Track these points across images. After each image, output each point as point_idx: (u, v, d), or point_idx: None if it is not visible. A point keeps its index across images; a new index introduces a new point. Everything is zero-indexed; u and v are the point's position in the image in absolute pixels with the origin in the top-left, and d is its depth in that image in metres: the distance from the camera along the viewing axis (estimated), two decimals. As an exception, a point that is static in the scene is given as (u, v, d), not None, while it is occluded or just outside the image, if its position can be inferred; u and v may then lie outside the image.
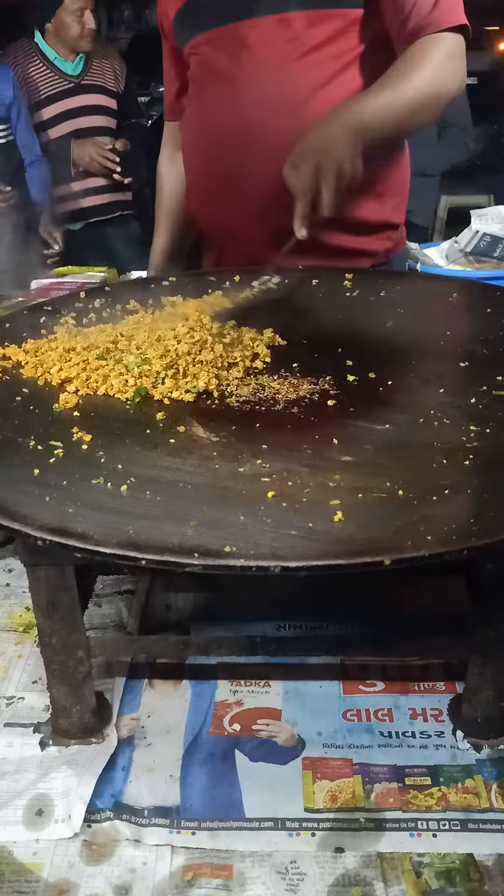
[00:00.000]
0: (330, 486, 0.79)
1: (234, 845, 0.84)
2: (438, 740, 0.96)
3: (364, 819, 0.87)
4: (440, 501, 0.75)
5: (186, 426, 0.91)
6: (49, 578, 0.88)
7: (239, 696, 1.03)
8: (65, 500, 0.76)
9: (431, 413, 0.91)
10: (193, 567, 0.67)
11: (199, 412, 0.95)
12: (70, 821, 0.86)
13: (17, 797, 0.89)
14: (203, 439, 0.89)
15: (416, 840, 0.84)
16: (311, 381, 1.00)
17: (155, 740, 0.97)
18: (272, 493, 0.77)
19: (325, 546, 0.70)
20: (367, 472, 0.81)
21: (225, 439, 0.89)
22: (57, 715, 0.97)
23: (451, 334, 1.11)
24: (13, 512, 0.74)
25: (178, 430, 0.90)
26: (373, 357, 1.05)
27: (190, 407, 0.96)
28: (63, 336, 1.12)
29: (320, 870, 0.82)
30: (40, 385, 1.02)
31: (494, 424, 0.88)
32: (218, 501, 0.77)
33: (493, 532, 0.70)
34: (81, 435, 0.89)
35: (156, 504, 0.76)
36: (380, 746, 0.95)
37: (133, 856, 0.84)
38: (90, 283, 1.92)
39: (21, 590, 1.21)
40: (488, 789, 0.90)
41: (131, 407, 0.97)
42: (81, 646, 0.92)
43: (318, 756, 0.94)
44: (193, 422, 0.92)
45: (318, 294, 1.27)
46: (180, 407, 0.96)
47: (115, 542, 0.69)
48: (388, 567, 0.66)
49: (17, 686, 1.06)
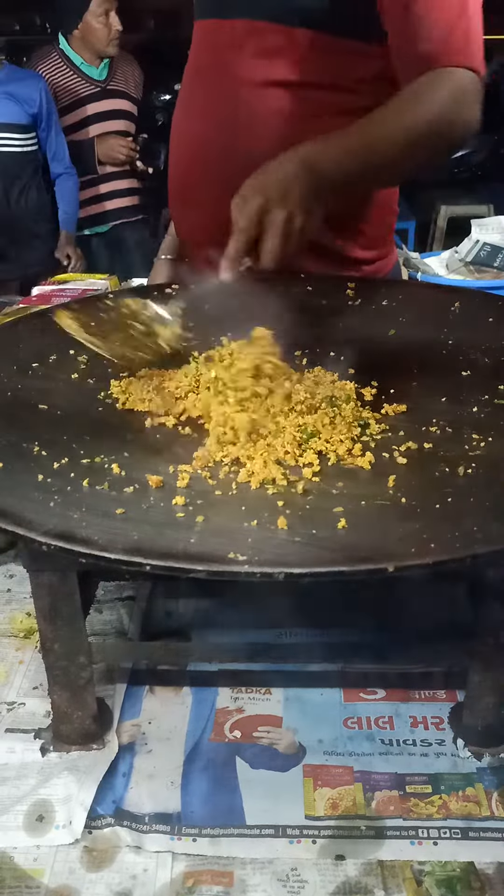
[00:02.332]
0: (333, 493, 0.79)
1: (235, 852, 0.84)
2: (439, 748, 0.96)
3: (365, 827, 0.87)
4: (443, 509, 0.75)
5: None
6: (52, 584, 0.88)
7: (240, 703, 1.03)
8: (69, 506, 0.77)
9: (433, 421, 0.91)
10: (198, 573, 0.67)
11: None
12: (71, 827, 0.86)
13: (18, 803, 0.89)
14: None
15: (416, 848, 0.84)
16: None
17: (156, 747, 0.97)
18: (276, 501, 0.77)
19: (328, 553, 0.70)
20: (370, 480, 0.81)
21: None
22: (58, 721, 0.97)
23: (452, 343, 1.12)
24: (18, 517, 0.74)
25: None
26: (375, 365, 1.05)
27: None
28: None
29: (321, 877, 0.82)
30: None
31: (496, 433, 0.88)
32: (222, 508, 0.77)
33: (496, 540, 0.70)
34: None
35: (160, 510, 0.77)
36: (380, 754, 0.95)
37: (134, 862, 0.84)
38: (92, 290, 1.93)
39: (22, 595, 1.21)
40: (489, 798, 0.90)
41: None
42: (83, 651, 0.93)
43: (319, 763, 0.94)
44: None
45: (321, 302, 1.28)
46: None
47: (119, 547, 0.70)
48: (391, 574, 0.67)
49: (18, 692, 1.05)
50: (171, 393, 0.99)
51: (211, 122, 1.32)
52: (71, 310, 1.07)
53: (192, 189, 1.40)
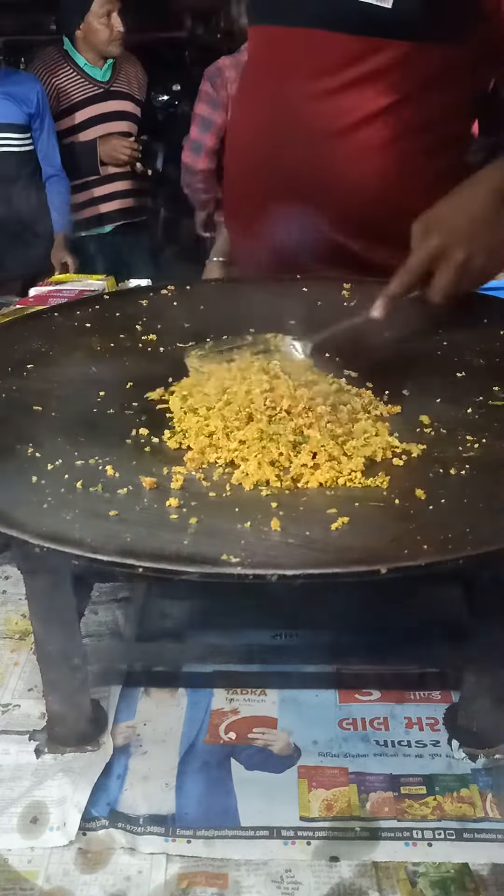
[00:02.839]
0: (327, 494, 0.79)
1: (230, 854, 0.84)
2: (434, 749, 0.96)
3: (359, 828, 0.87)
4: (436, 510, 0.75)
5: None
6: (46, 585, 0.88)
7: (235, 705, 1.03)
8: (62, 507, 0.76)
9: (427, 422, 0.91)
10: (190, 575, 0.67)
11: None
12: (65, 829, 0.86)
13: (12, 805, 0.89)
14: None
15: (411, 849, 0.84)
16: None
17: (151, 748, 0.97)
18: (269, 502, 0.77)
19: (321, 554, 0.70)
20: (364, 481, 0.81)
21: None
22: (53, 723, 0.97)
23: (447, 345, 1.12)
24: (11, 519, 0.74)
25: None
26: (370, 367, 1.05)
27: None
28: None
29: (315, 879, 0.82)
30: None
31: (490, 434, 0.88)
32: (215, 509, 0.77)
33: (489, 541, 0.70)
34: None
35: (153, 511, 0.77)
36: (375, 755, 0.96)
37: (128, 864, 0.84)
38: (88, 290, 1.92)
39: (17, 597, 1.21)
40: (483, 799, 0.90)
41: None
42: (78, 653, 0.93)
43: (314, 765, 0.94)
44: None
45: (317, 304, 1.28)
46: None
47: (112, 549, 0.70)
48: (384, 576, 0.67)
49: (12, 693, 1.05)
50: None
51: (268, 130, 1.29)
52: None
53: (247, 196, 1.39)
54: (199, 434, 0.88)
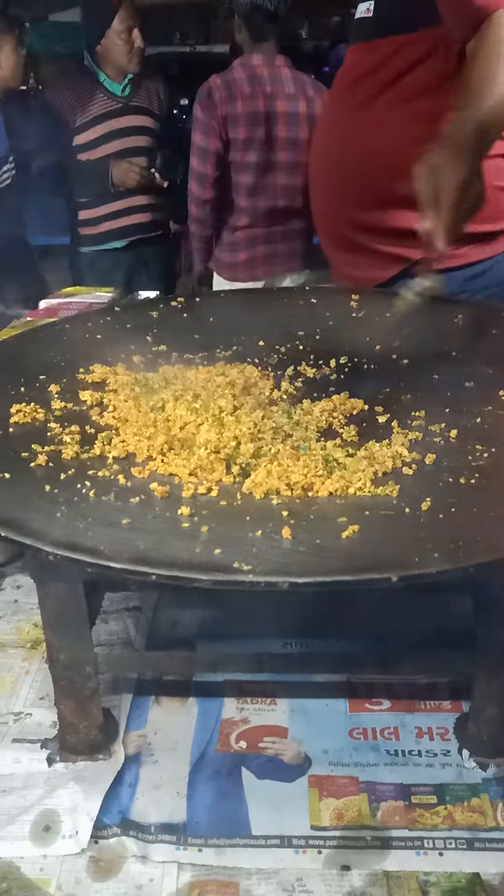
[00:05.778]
0: (337, 502, 0.80)
1: (241, 862, 0.84)
2: (444, 759, 0.96)
3: (370, 837, 0.87)
4: (446, 519, 0.76)
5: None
6: (58, 594, 0.88)
7: (245, 714, 1.03)
8: (75, 516, 0.77)
9: (437, 431, 0.92)
10: (203, 582, 0.68)
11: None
12: (77, 837, 0.87)
13: (25, 813, 0.89)
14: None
15: (422, 858, 0.84)
16: (318, 400, 1.01)
17: (162, 757, 0.98)
18: (280, 511, 0.78)
19: (332, 562, 0.70)
20: (375, 490, 0.81)
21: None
22: (64, 731, 0.97)
23: (456, 354, 1.12)
24: (25, 527, 0.75)
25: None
26: (379, 376, 1.06)
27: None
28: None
29: (326, 888, 0.82)
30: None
31: (499, 443, 0.89)
32: (227, 517, 0.78)
33: (499, 549, 0.70)
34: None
35: (165, 520, 0.77)
36: (386, 765, 0.96)
37: (140, 872, 0.84)
38: (98, 303, 1.94)
39: (29, 606, 1.22)
40: (494, 808, 0.90)
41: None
42: (89, 662, 0.93)
43: (325, 774, 0.94)
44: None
45: (325, 314, 1.28)
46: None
47: (125, 557, 0.70)
48: (395, 584, 0.67)
49: (24, 702, 1.06)
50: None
51: (343, 138, 1.44)
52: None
53: (334, 205, 1.49)
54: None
